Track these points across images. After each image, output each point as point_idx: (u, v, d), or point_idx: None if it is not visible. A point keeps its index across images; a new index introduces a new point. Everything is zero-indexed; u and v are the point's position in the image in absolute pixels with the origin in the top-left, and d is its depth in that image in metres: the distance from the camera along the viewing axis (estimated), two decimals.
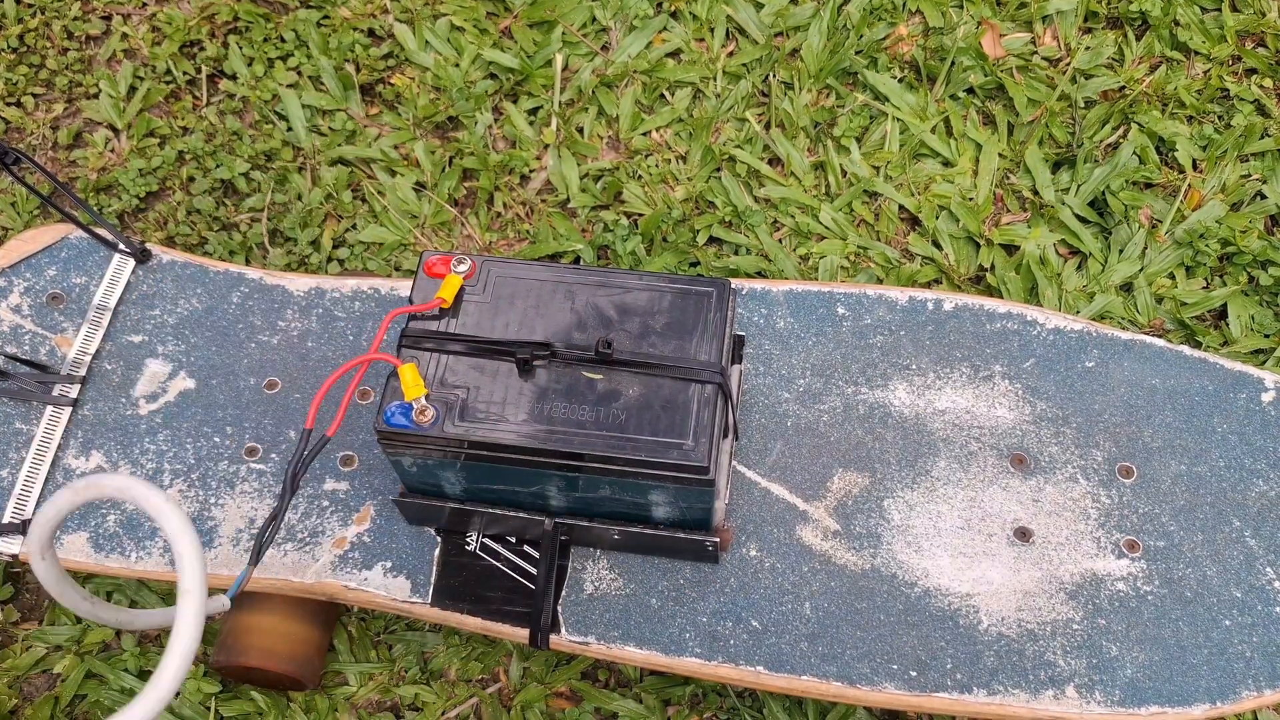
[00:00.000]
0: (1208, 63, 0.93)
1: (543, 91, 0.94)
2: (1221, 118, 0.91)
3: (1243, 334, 0.81)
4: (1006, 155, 0.90)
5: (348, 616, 0.75)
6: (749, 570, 0.64)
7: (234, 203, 0.91)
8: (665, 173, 0.90)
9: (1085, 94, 0.92)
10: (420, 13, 0.98)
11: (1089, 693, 0.60)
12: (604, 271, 0.60)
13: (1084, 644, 0.61)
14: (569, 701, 0.73)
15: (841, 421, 0.67)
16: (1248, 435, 0.67)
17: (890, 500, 0.65)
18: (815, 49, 0.94)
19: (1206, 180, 0.88)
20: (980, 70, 0.92)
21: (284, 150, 0.93)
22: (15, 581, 0.78)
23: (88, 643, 0.75)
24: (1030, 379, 0.68)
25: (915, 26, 0.96)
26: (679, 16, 0.97)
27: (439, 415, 0.56)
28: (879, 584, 0.63)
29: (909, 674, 0.60)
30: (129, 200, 0.91)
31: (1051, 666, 0.60)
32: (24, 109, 0.96)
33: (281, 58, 0.98)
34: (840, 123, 0.91)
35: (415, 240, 0.88)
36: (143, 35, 0.99)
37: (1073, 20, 0.95)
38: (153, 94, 0.96)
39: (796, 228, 0.87)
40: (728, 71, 0.95)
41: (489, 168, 0.90)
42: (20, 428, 0.69)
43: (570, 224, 0.89)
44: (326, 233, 0.89)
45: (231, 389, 0.70)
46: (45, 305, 0.73)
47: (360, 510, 0.66)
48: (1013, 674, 0.60)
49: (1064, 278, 0.84)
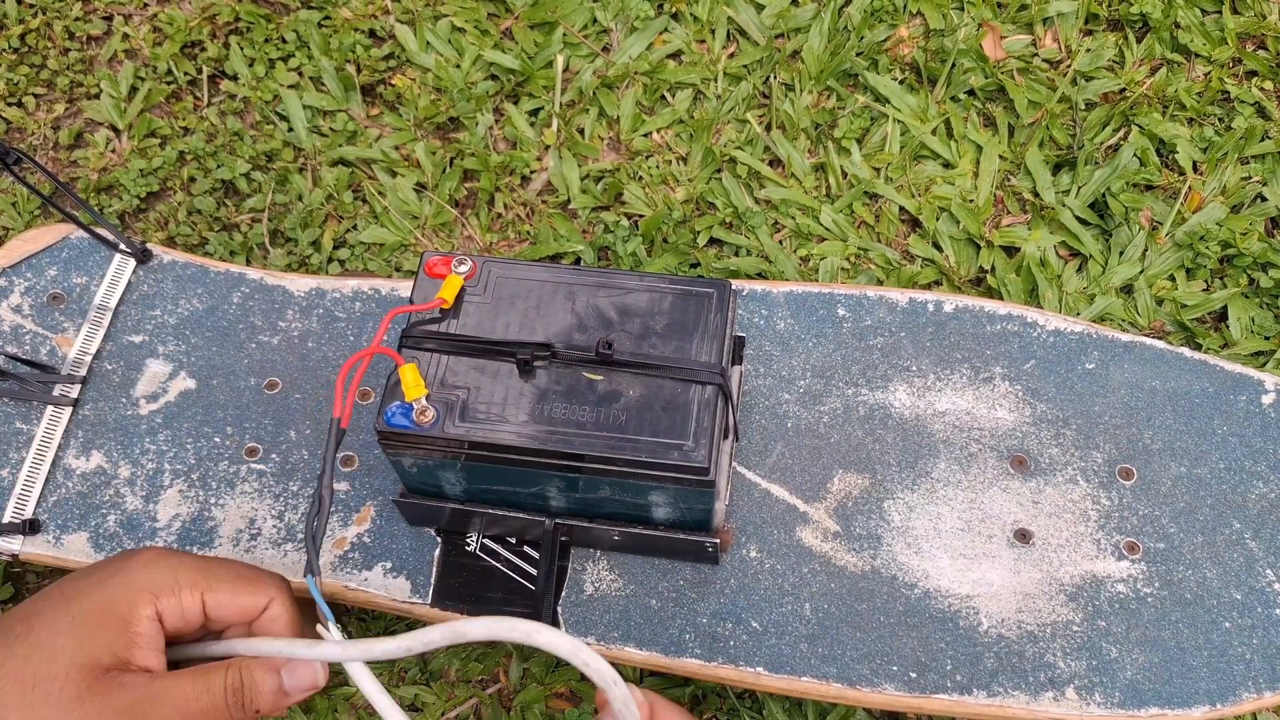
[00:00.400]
0: (1208, 65, 0.93)
1: (544, 92, 0.94)
2: (1222, 120, 0.91)
3: (1243, 336, 0.81)
4: (1007, 157, 0.90)
5: (348, 617, 0.75)
6: (749, 571, 0.64)
7: (235, 203, 0.91)
8: (666, 174, 0.90)
9: (1086, 96, 0.92)
10: (421, 14, 0.98)
11: (1089, 694, 0.60)
12: (604, 272, 0.60)
13: (1084, 646, 0.61)
14: (569, 702, 0.73)
15: (842, 423, 0.67)
16: (1247, 437, 0.67)
17: (890, 502, 0.65)
18: (816, 51, 0.94)
19: (1207, 182, 0.88)
20: (981, 72, 0.92)
21: (285, 151, 0.93)
22: (15, 581, 0.78)
23: None
24: (1030, 380, 0.68)
25: (916, 28, 0.96)
26: (680, 18, 0.98)
27: (440, 416, 0.56)
28: (879, 585, 0.63)
29: (909, 675, 0.60)
30: (130, 200, 0.91)
31: (1051, 668, 0.60)
32: (25, 109, 0.97)
33: (283, 58, 0.98)
34: (841, 124, 0.91)
35: (416, 241, 0.89)
36: (144, 36, 0.99)
37: (1073, 22, 0.96)
38: (154, 94, 0.96)
39: (797, 229, 0.87)
40: (728, 73, 0.95)
41: (490, 168, 0.91)
42: (20, 427, 0.69)
43: (571, 225, 0.89)
44: (327, 233, 0.89)
45: (232, 389, 0.70)
46: (46, 305, 0.73)
47: (360, 511, 0.66)
48: (1013, 675, 0.60)
49: (1064, 279, 0.84)
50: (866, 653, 0.61)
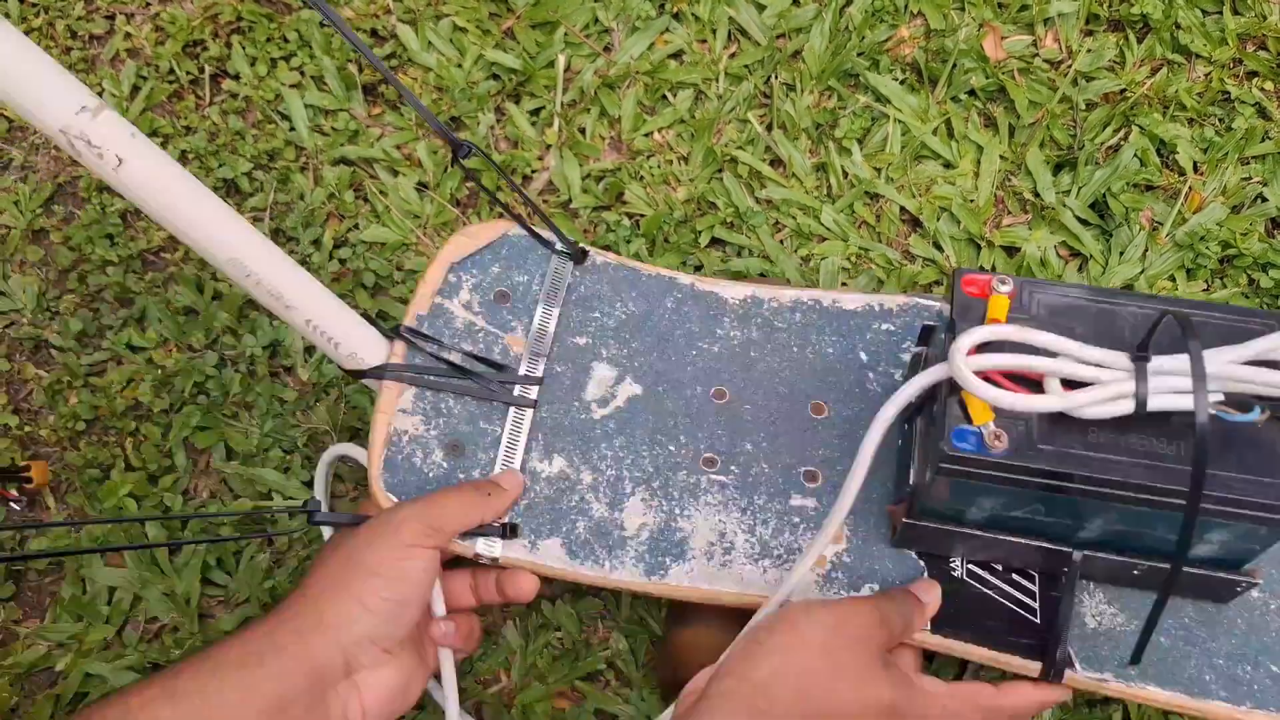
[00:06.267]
0: (1209, 65, 0.94)
1: (545, 92, 0.94)
2: (1222, 120, 0.91)
3: None
4: (1008, 157, 0.90)
5: None
6: (1254, 611, 0.60)
7: (237, 202, 0.92)
8: (667, 174, 0.91)
9: (1086, 96, 0.92)
10: (423, 13, 0.98)
11: None
12: (1157, 299, 0.56)
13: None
14: (570, 701, 0.73)
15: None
16: None
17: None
18: (817, 51, 0.94)
19: (1207, 183, 0.88)
20: (982, 72, 0.93)
21: (286, 150, 0.93)
22: (16, 580, 0.78)
23: (89, 641, 0.75)
24: None
25: (917, 29, 0.97)
26: (681, 18, 0.98)
27: (1013, 442, 0.52)
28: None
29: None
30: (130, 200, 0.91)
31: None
32: None
33: (284, 57, 0.98)
34: (842, 124, 0.91)
35: (417, 240, 0.89)
36: (146, 35, 1.00)
37: (1074, 23, 0.96)
38: (156, 93, 0.96)
39: (798, 229, 0.87)
40: (730, 73, 0.95)
41: (490, 168, 0.91)
42: (484, 427, 0.67)
43: (572, 224, 0.89)
44: (328, 232, 0.89)
45: (679, 397, 0.68)
46: (493, 303, 0.70)
47: None
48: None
49: (1065, 280, 0.84)
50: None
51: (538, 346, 0.69)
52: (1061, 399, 0.51)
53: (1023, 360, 0.52)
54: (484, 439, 0.66)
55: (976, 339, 0.52)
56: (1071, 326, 0.55)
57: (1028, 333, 0.53)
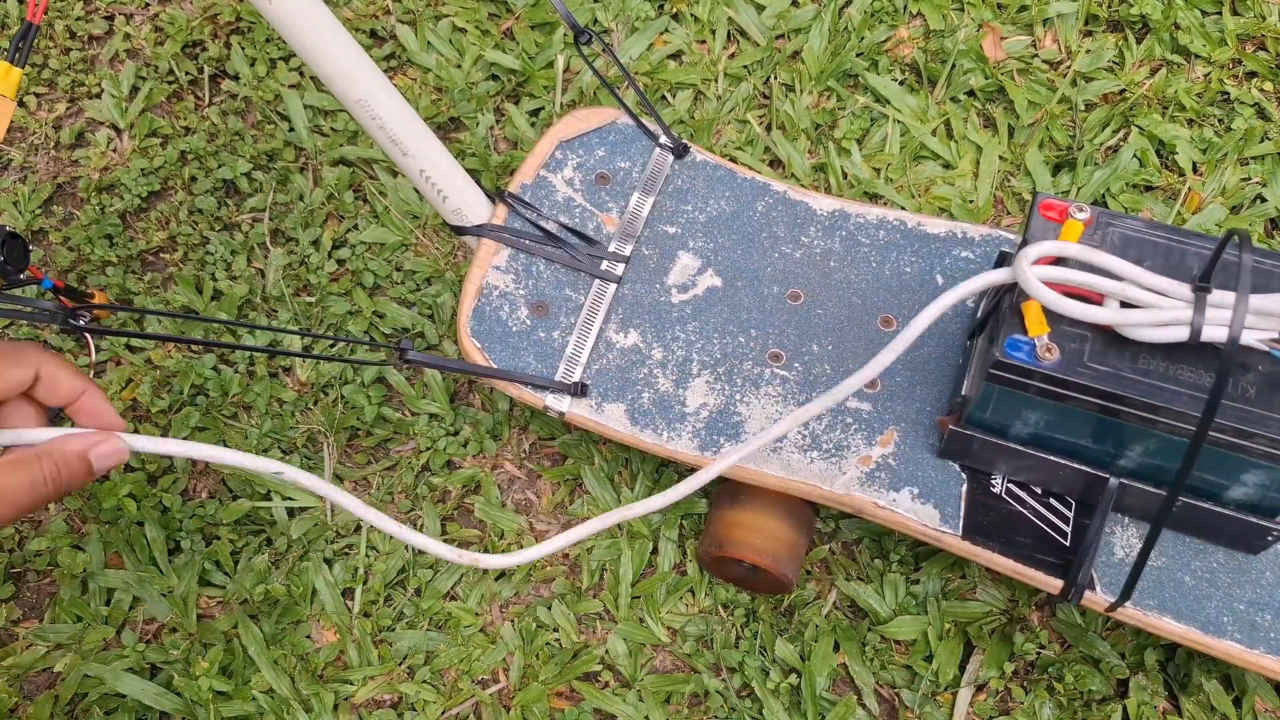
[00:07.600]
0: (1208, 66, 0.94)
1: (544, 93, 0.95)
2: (1222, 121, 0.91)
3: None
4: (1007, 158, 0.90)
5: (348, 617, 0.75)
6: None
7: (236, 203, 0.92)
8: None
9: (1086, 97, 0.92)
10: (422, 14, 0.98)
11: None
12: (1255, 248, 0.56)
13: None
14: (569, 701, 0.73)
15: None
16: None
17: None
18: (816, 51, 0.94)
19: (1207, 183, 0.88)
20: (981, 73, 0.93)
21: (286, 150, 0.93)
22: (16, 580, 0.78)
23: (88, 641, 0.75)
24: None
25: (916, 29, 0.97)
26: (680, 18, 0.98)
27: (1065, 356, 0.54)
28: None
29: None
30: (130, 200, 0.91)
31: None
32: (26, 108, 0.97)
33: (283, 58, 0.98)
34: (841, 125, 0.91)
35: (416, 241, 0.89)
36: (145, 35, 1.00)
37: (1073, 23, 0.96)
38: (155, 94, 0.96)
39: None
40: (729, 73, 0.95)
41: (490, 168, 0.91)
42: (569, 295, 0.72)
43: None
44: (328, 233, 0.89)
45: (756, 294, 0.72)
46: (594, 183, 0.75)
47: (884, 433, 0.67)
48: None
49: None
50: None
51: (630, 228, 0.74)
52: (1116, 313, 0.52)
53: (1087, 278, 0.53)
54: (567, 304, 0.71)
55: (1044, 251, 0.54)
56: (1140, 258, 0.56)
57: (1094, 253, 0.54)
